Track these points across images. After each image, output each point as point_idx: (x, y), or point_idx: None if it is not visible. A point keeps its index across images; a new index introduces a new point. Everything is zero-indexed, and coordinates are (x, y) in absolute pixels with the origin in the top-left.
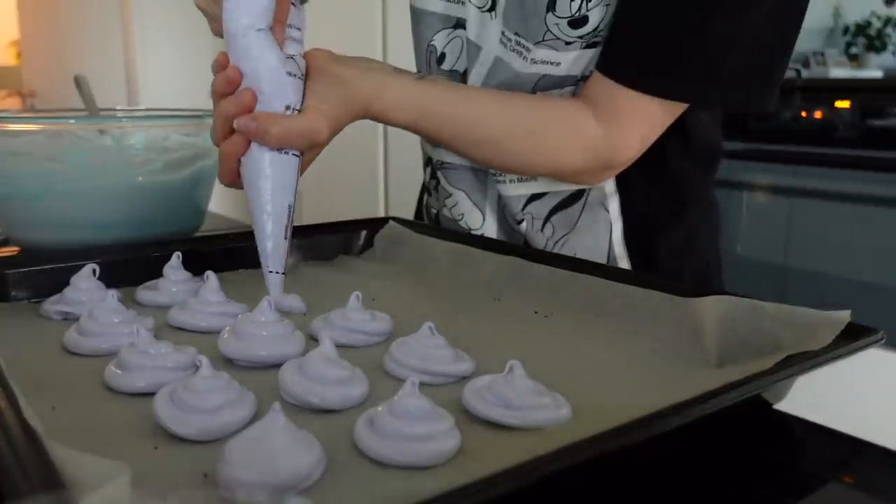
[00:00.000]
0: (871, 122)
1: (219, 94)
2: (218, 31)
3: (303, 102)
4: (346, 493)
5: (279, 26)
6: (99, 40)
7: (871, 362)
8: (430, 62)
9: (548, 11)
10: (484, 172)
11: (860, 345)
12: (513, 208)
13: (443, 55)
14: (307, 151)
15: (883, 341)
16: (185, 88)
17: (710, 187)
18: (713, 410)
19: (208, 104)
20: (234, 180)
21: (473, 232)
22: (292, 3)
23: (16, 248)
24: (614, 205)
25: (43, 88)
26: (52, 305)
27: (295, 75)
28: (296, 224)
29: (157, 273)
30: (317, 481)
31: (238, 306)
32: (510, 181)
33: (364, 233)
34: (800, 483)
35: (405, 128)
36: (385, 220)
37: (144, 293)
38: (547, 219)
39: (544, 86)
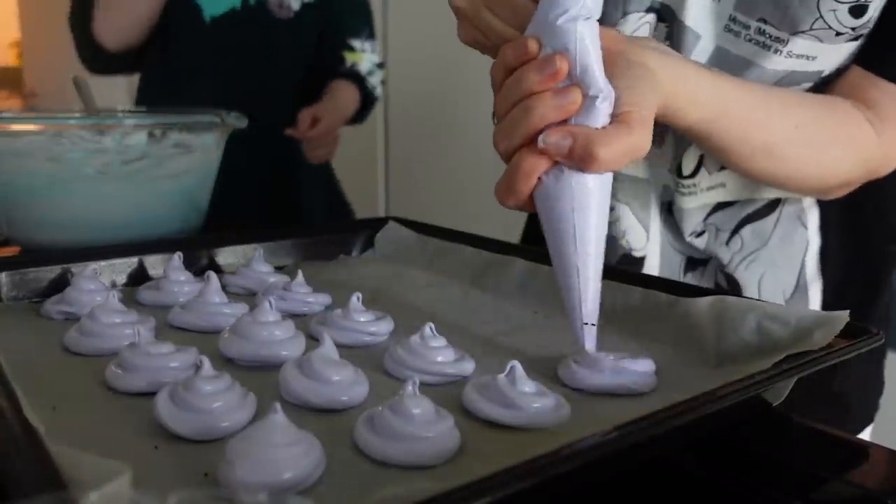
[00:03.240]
0: None
1: (527, 89)
2: (469, 38)
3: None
4: (346, 493)
5: None
6: None
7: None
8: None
9: None
10: (648, 185)
11: (860, 345)
12: (691, 220)
13: None
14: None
15: (883, 341)
16: None
17: None
18: (713, 410)
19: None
20: (526, 204)
21: (635, 254)
22: None
23: (16, 248)
24: (813, 220)
25: (44, 89)
26: (53, 305)
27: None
28: (296, 224)
29: (157, 273)
30: (317, 481)
31: (239, 306)
32: (700, 191)
33: (364, 233)
34: (800, 483)
35: (694, 128)
36: (385, 220)
37: (145, 293)
38: (735, 231)
39: (786, 83)
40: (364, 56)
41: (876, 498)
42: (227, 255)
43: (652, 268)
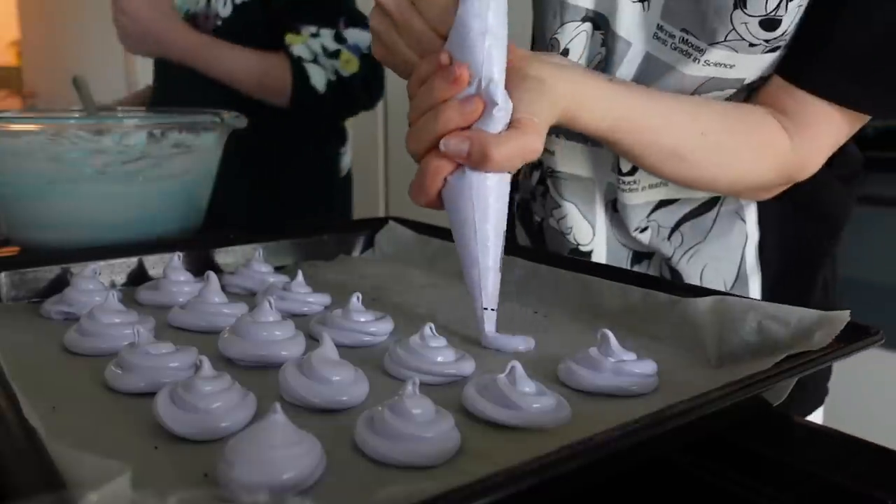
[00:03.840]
0: None
1: (435, 97)
2: (381, 55)
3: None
4: (346, 493)
5: None
6: (99, 40)
7: (871, 362)
8: (553, 54)
9: (736, 8)
10: (593, 184)
11: (860, 345)
12: (636, 217)
13: (566, 50)
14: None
15: (883, 341)
16: None
17: (852, 204)
18: (713, 410)
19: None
20: (435, 202)
21: (582, 248)
22: None
23: (16, 248)
24: (752, 215)
25: (43, 89)
26: (52, 305)
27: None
28: (296, 224)
29: (157, 273)
30: (317, 481)
31: (239, 306)
32: (642, 188)
33: (364, 233)
34: (800, 483)
35: (595, 135)
36: (385, 220)
37: (145, 293)
38: (676, 227)
39: (707, 89)
40: (305, 39)
41: (876, 498)
42: (226, 255)
43: (599, 261)
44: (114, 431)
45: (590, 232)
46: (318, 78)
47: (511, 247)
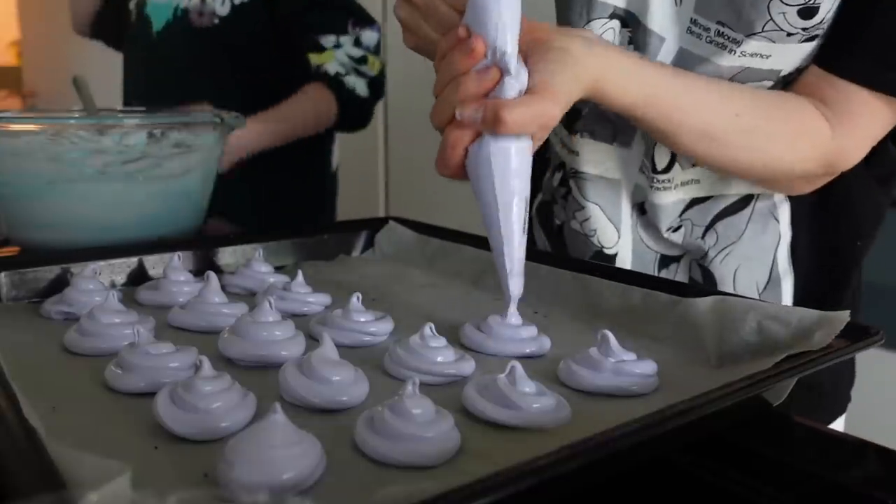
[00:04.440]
0: None
1: (455, 69)
2: (412, 44)
3: (529, 80)
4: (346, 493)
5: None
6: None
7: (871, 362)
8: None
9: None
10: (619, 185)
11: (860, 345)
12: (668, 215)
13: None
14: (537, 135)
15: (883, 341)
16: None
17: (886, 206)
18: (713, 410)
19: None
20: (458, 173)
21: (606, 251)
22: None
23: (16, 248)
24: (784, 215)
25: (43, 89)
26: (52, 305)
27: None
28: (296, 224)
29: (157, 273)
30: (317, 481)
31: (239, 306)
32: (675, 186)
33: (364, 233)
34: (800, 483)
35: (625, 112)
36: (385, 220)
37: (145, 293)
38: (710, 226)
39: (742, 79)
40: (333, 54)
41: (876, 498)
42: (227, 255)
43: (623, 264)
44: (114, 431)
45: (615, 234)
46: (361, 86)
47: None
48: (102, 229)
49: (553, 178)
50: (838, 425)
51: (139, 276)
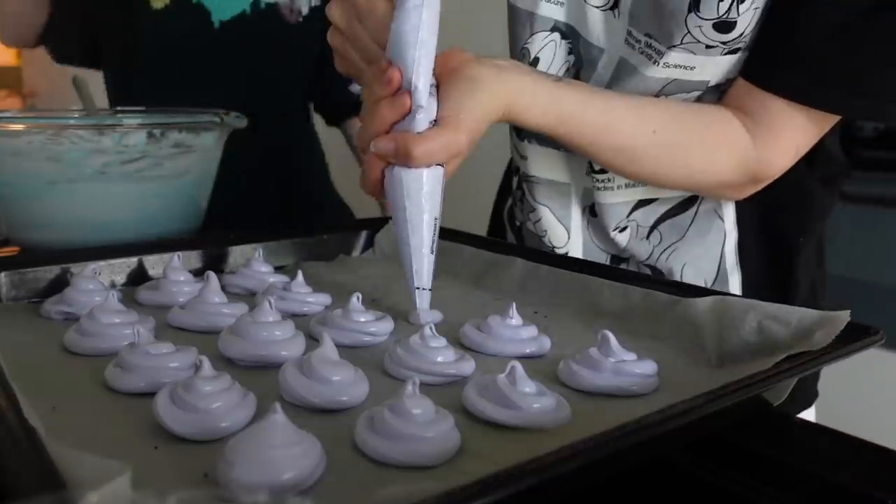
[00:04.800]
0: None
1: (374, 97)
2: (343, 68)
3: (438, 110)
4: (346, 493)
5: None
6: None
7: (871, 362)
8: (506, 58)
9: (690, 12)
10: (568, 188)
11: (860, 345)
12: (615, 216)
13: (536, 59)
14: (449, 162)
15: (883, 341)
16: None
17: (831, 206)
18: (713, 410)
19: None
20: (377, 192)
21: (557, 250)
22: None
23: (16, 248)
24: (729, 214)
25: (43, 88)
26: (52, 305)
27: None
28: (296, 224)
29: (157, 273)
30: (317, 481)
31: (239, 306)
32: (617, 187)
33: (364, 233)
34: (800, 483)
35: (541, 130)
36: (385, 220)
37: (145, 293)
38: (654, 227)
39: (671, 90)
40: None
41: (876, 498)
42: (226, 255)
43: None
44: (114, 431)
45: (564, 235)
46: None
47: (511, 247)
48: (102, 229)
49: (513, 181)
50: (807, 417)
51: (139, 276)
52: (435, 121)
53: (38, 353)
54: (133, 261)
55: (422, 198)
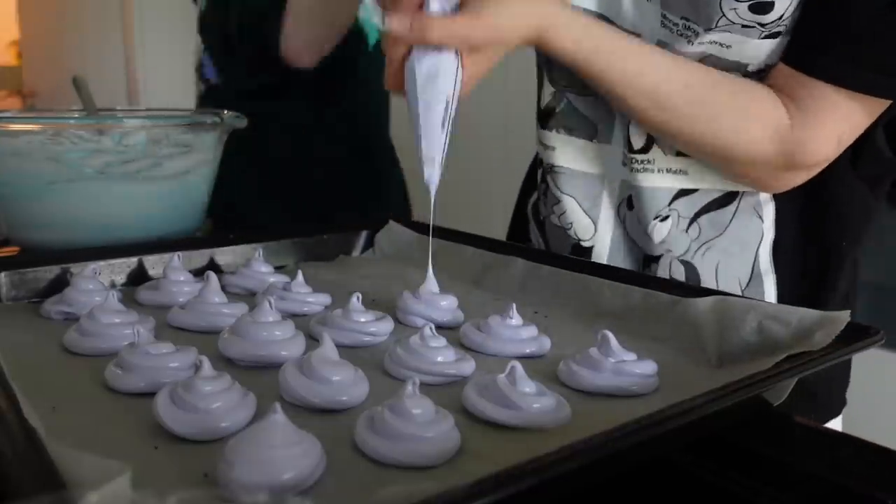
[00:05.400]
0: None
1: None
2: None
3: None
4: (346, 493)
5: None
6: (99, 40)
7: (871, 362)
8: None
9: None
10: (599, 180)
11: (860, 345)
12: (656, 203)
13: None
14: (471, 57)
15: (883, 341)
16: (185, 88)
17: (876, 210)
18: (713, 410)
19: None
20: (397, 85)
21: (583, 244)
22: None
23: (16, 248)
24: (769, 213)
25: (43, 89)
26: (52, 305)
27: None
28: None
29: (157, 273)
30: (317, 481)
31: (239, 306)
32: (658, 170)
33: (364, 233)
34: (800, 483)
35: (572, 63)
36: (385, 220)
37: (145, 293)
38: (694, 219)
39: (708, 65)
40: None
41: (876, 498)
42: (226, 255)
43: (600, 258)
44: (114, 431)
45: (591, 227)
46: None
47: (511, 247)
48: (102, 229)
49: (538, 175)
50: (834, 427)
51: (139, 276)
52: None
53: (38, 353)
54: (133, 261)
55: (431, 78)
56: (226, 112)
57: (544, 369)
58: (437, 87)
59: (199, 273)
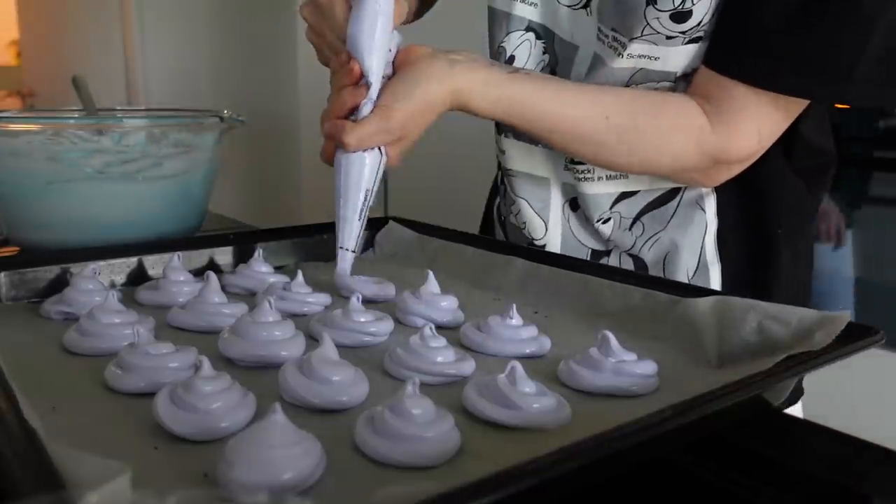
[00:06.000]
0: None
1: (339, 86)
2: (321, 60)
3: (378, 100)
4: (346, 493)
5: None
6: (99, 40)
7: (871, 362)
8: (468, 52)
9: (648, 5)
10: (547, 182)
11: (860, 345)
12: (599, 207)
13: (512, 57)
14: (392, 144)
15: (883, 341)
16: (185, 88)
17: (816, 202)
18: (713, 410)
19: (207, 104)
20: (330, 161)
21: (535, 242)
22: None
23: (16, 248)
24: (711, 205)
25: (43, 88)
26: (52, 305)
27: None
28: (296, 224)
29: (157, 273)
30: (317, 481)
31: (239, 306)
32: (598, 178)
33: (364, 233)
34: (800, 483)
35: (493, 117)
36: (385, 220)
37: (145, 293)
38: (637, 218)
39: (639, 80)
40: None
41: (876, 498)
42: (226, 255)
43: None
44: (113, 431)
45: (542, 227)
46: None
47: (511, 247)
48: (102, 229)
49: (497, 177)
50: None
51: (139, 276)
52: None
53: (37, 353)
54: (133, 261)
55: (352, 176)
56: (226, 112)
57: (544, 369)
58: (357, 182)
59: (198, 273)
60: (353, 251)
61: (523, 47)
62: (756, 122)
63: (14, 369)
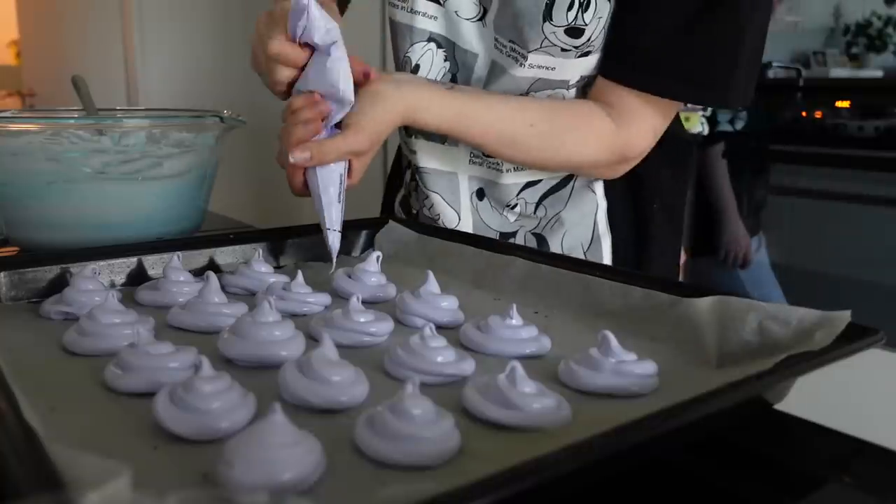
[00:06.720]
0: (870, 122)
1: (304, 119)
2: (254, 67)
3: (344, 118)
4: (346, 493)
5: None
6: (99, 40)
7: (871, 362)
8: (406, 73)
9: (545, 21)
10: (455, 176)
11: (860, 345)
12: (506, 195)
13: (417, 66)
14: (356, 158)
15: (883, 341)
16: (185, 89)
17: (682, 183)
18: (713, 410)
19: (207, 105)
20: (303, 192)
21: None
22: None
23: (16, 248)
24: (599, 186)
25: (42, 88)
26: (52, 305)
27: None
28: (296, 224)
29: (157, 273)
30: (317, 481)
31: (238, 306)
32: (506, 171)
33: (364, 233)
34: (800, 483)
35: (439, 130)
36: (385, 220)
37: (144, 293)
38: (539, 202)
39: (538, 87)
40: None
41: (876, 498)
42: (226, 255)
43: None
44: (113, 432)
45: (455, 216)
46: None
47: (511, 247)
48: (102, 229)
49: (406, 174)
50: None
51: (139, 276)
52: (339, 126)
53: (37, 354)
54: (133, 261)
55: (328, 185)
56: (225, 112)
57: (544, 369)
58: (331, 191)
59: (198, 273)
60: (339, 230)
61: (426, 57)
62: (651, 123)
63: (14, 369)
